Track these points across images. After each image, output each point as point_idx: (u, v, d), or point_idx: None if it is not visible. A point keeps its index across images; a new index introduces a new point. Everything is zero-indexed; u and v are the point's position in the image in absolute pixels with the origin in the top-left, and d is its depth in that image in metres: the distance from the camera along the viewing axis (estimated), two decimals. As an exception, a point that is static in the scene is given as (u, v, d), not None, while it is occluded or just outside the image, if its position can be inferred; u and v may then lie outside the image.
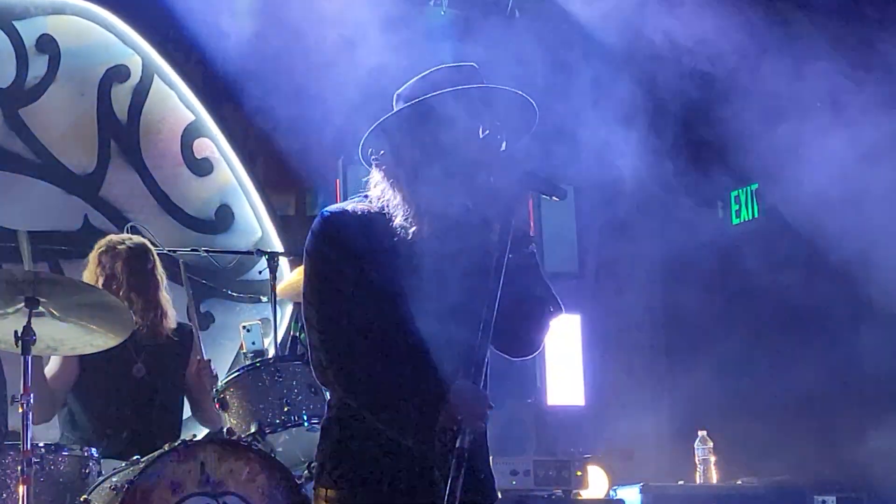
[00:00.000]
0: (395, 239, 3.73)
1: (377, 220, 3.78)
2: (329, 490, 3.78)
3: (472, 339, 3.61)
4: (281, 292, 7.28)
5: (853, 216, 8.59)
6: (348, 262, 3.72)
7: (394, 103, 3.91)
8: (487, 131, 3.72)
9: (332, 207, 3.88)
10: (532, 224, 8.16)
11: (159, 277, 6.70)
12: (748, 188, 10.03)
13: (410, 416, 3.64)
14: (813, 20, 7.71)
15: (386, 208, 3.78)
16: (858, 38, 7.78)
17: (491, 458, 3.97)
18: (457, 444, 3.54)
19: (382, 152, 3.82)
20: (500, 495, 4.04)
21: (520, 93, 3.82)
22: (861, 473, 8.71)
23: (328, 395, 4.07)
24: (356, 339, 3.70)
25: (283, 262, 8.10)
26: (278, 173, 9.24)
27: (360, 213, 3.81)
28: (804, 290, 9.18)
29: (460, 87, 3.74)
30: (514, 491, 8.26)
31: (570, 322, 9.87)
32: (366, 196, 3.87)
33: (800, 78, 7.63)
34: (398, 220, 3.74)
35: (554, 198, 3.75)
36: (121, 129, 8.94)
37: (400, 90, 3.91)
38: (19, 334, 5.45)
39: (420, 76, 3.88)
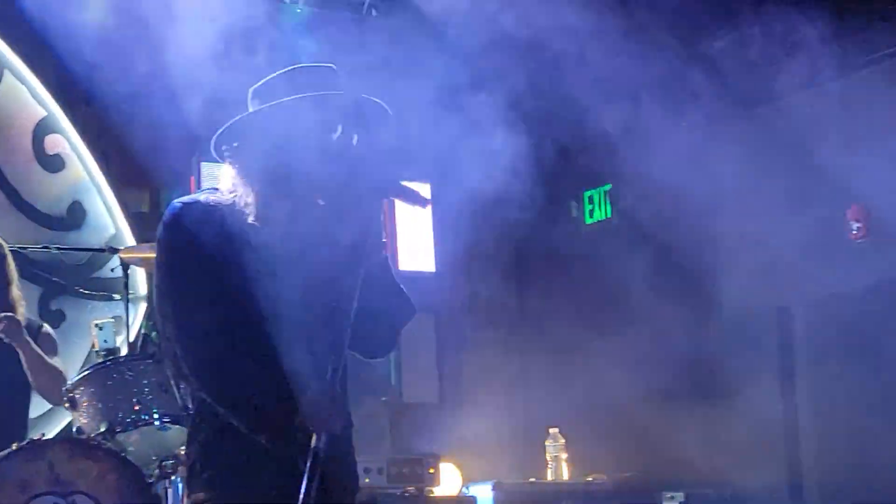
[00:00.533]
0: (248, 235, 3.72)
1: (229, 213, 3.76)
2: (201, 493, 3.75)
3: (329, 340, 3.62)
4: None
5: (702, 216, 8.76)
6: (202, 253, 3.69)
7: (249, 100, 3.90)
8: (342, 135, 3.73)
9: (184, 198, 3.84)
10: (387, 224, 8.18)
11: (10, 274, 6.61)
12: (601, 189, 10.15)
13: (265, 413, 3.64)
14: (664, 23, 7.83)
15: (238, 204, 3.77)
16: (710, 44, 7.93)
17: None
18: (312, 445, 3.55)
19: (236, 150, 3.81)
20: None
21: (374, 99, 3.83)
22: (709, 470, 8.86)
23: (179, 395, 4.06)
24: (212, 331, 3.67)
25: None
26: (132, 170, 9.13)
27: (212, 204, 3.79)
28: (655, 289, 9.32)
29: (317, 94, 3.75)
30: (367, 489, 8.26)
31: (425, 320, 9.90)
32: (216, 189, 3.85)
33: (653, 82, 7.75)
34: (251, 219, 3.74)
35: (417, 206, 3.78)
36: (-30, 124, 8.80)
37: (255, 87, 3.90)
38: None
39: (276, 74, 3.86)
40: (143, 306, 8.79)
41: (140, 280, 8.80)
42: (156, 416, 6.10)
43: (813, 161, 8.15)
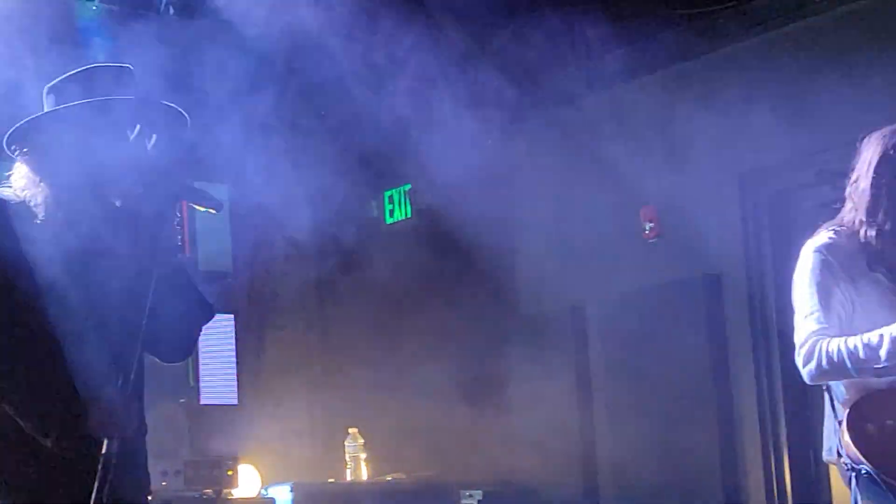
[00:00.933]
0: (38, 235, 3.67)
1: (19, 212, 3.71)
2: None
3: (123, 343, 3.59)
4: None
5: (499, 216, 8.86)
6: None
7: (43, 98, 3.84)
8: (138, 137, 3.70)
9: None
10: (185, 225, 8.09)
11: None
12: (401, 188, 10.19)
13: (52, 417, 3.60)
14: (462, 24, 7.91)
15: (28, 202, 3.72)
16: (506, 44, 8.02)
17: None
18: (103, 451, 3.52)
19: (27, 149, 3.76)
20: (150, 497, 4.02)
21: (169, 103, 3.82)
22: (507, 468, 8.96)
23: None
24: (1, 331, 3.61)
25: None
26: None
27: (4, 199, 3.74)
28: (453, 289, 9.40)
29: (109, 98, 3.72)
30: (164, 492, 8.19)
31: (224, 321, 9.83)
32: (9, 186, 3.80)
33: (452, 81, 7.81)
34: (41, 218, 3.69)
35: (210, 210, 3.77)
36: None
37: (50, 85, 3.85)
38: None
39: (71, 73, 3.82)
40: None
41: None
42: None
43: (608, 162, 8.29)
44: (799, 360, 4.71)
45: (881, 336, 4.54)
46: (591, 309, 9.09)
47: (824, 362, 4.61)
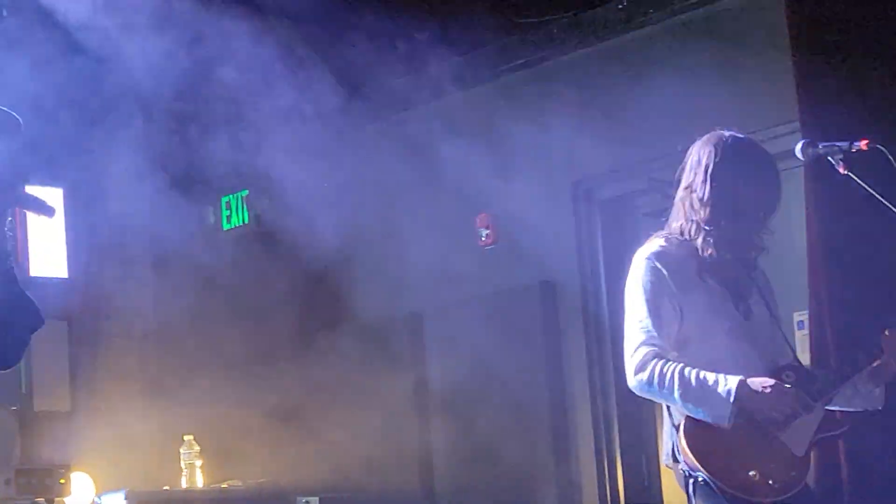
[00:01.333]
0: None
1: None
2: None
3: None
4: None
5: (336, 223, 8.86)
6: None
7: None
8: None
9: None
10: (18, 230, 7.96)
11: None
12: (238, 194, 10.13)
13: None
14: (293, 29, 7.92)
15: None
16: (336, 51, 8.04)
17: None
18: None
19: None
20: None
21: (1, 108, 3.77)
22: (342, 473, 8.97)
23: None
24: None
25: None
26: None
27: None
28: (290, 296, 9.38)
29: None
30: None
31: (57, 327, 9.68)
32: None
33: (282, 88, 7.81)
34: None
35: (43, 216, 3.72)
36: None
37: None
38: None
39: None
40: None
41: None
42: None
43: (442, 169, 8.33)
44: (629, 367, 4.74)
45: (716, 381, 4.59)
46: (428, 316, 9.13)
47: (656, 380, 4.64)
